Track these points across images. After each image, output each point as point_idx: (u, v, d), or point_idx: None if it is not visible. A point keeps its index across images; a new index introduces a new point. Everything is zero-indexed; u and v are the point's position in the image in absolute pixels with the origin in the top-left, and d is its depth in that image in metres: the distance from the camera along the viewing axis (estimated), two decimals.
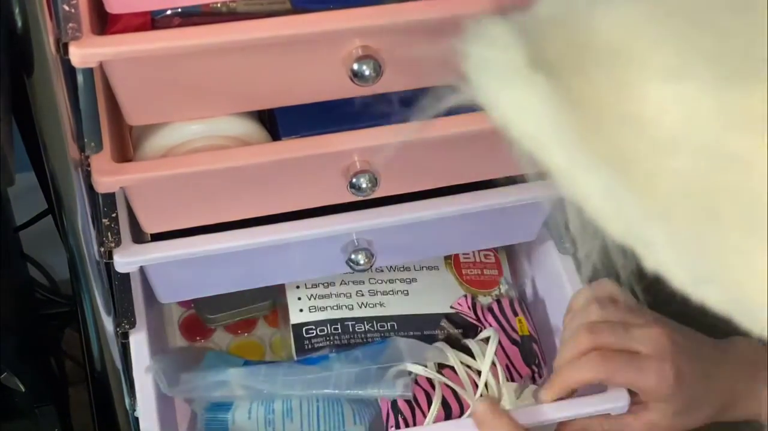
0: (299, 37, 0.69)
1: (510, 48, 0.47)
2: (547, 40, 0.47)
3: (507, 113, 0.46)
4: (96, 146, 0.74)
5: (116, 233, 0.81)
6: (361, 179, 0.78)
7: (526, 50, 0.46)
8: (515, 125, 0.46)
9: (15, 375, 1.01)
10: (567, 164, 0.44)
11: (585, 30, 0.46)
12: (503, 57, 0.46)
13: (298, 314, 0.94)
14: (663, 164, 0.43)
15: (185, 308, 1.03)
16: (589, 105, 0.45)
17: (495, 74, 0.46)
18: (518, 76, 0.46)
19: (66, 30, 0.65)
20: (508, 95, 0.46)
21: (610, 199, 0.44)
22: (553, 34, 0.48)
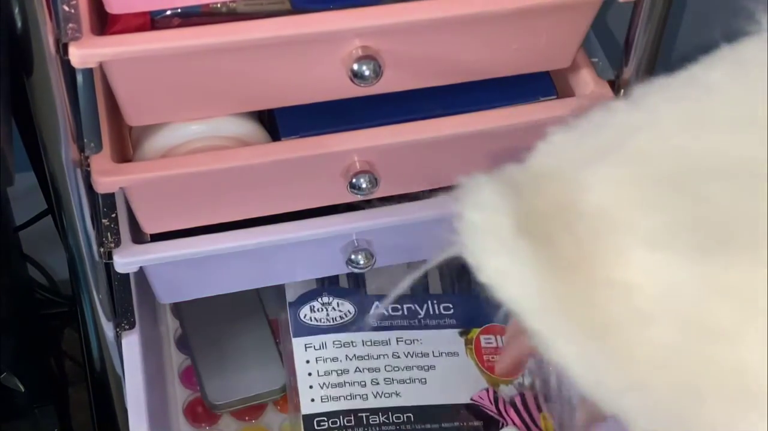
0: (299, 37, 0.69)
1: (497, 212, 0.48)
2: (539, 196, 0.48)
3: (492, 278, 0.47)
4: (96, 146, 0.74)
5: (116, 233, 0.81)
6: (361, 179, 0.78)
7: (514, 213, 0.47)
8: (500, 290, 0.47)
9: (15, 375, 1.01)
10: (548, 332, 0.45)
11: (574, 189, 0.48)
12: (490, 222, 0.48)
13: (310, 404, 0.90)
14: (642, 333, 0.43)
15: (190, 392, 0.98)
16: (574, 268, 0.45)
17: (482, 239, 0.48)
18: (503, 243, 0.47)
19: (66, 30, 0.65)
20: (493, 261, 0.47)
21: (588, 368, 0.44)
22: (544, 190, 0.49)
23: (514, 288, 0.46)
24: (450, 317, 0.96)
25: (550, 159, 0.51)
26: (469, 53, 0.75)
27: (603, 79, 0.82)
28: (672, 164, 0.45)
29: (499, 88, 0.81)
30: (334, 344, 0.92)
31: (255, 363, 0.97)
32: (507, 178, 0.51)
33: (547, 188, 0.49)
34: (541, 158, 0.51)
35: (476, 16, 0.71)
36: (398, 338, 0.94)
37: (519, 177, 0.50)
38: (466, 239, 0.49)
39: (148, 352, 0.91)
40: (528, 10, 0.73)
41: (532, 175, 0.50)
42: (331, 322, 0.94)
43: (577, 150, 0.50)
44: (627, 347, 0.43)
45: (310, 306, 0.95)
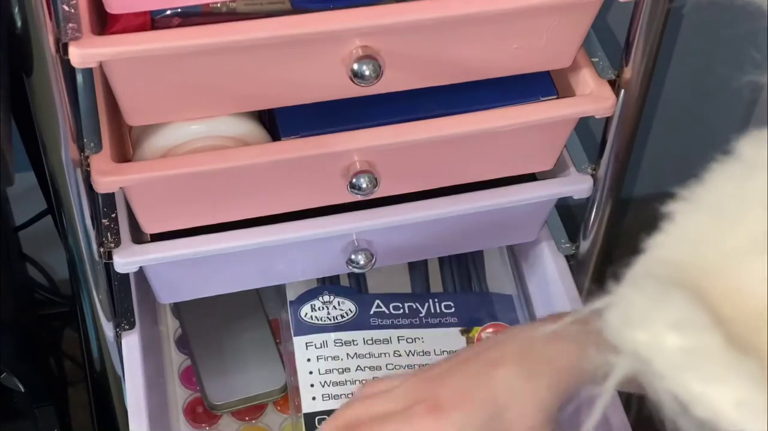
0: (299, 37, 0.69)
1: (702, 328, 0.40)
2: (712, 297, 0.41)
3: (725, 412, 0.39)
4: (95, 146, 0.74)
5: (116, 233, 0.81)
6: (361, 179, 0.78)
7: (718, 326, 0.40)
8: (736, 426, 0.39)
9: (14, 375, 1.01)
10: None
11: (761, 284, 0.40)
12: (699, 343, 0.39)
13: (311, 403, 0.89)
14: None
15: (190, 392, 0.98)
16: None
17: (696, 365, 0.39)
18: (730, 367, 0.39)
19: (66, 30, 0.65)
20: (722, 391, 0.39)
21: None
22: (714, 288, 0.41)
23: (758, 423, 0.38)
24: (451, 316, 0.96)
25: (700, 249, 0.43)
26: (469, 53, 0.75)
27: (603, 79, 0.82)
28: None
29: (499, 88, 0.80)
30: (335, 342, 0.92)
31: (255, 363, 0.97)
32: (668, 279, 0.42)
33: (718, 285, 0.41)
34: (686, 247, 0.44)
35: (476, 16, 0.71)
36: (399, 336, 0.93)
37: (683, 279, 0.42)
38: (665, 367, 0.40)
39: (148, 352, 0.91)
40: (528, 10, 0.73)
41: (686, 271, 0.42)
42: (332, 320, 0.93)
43: (729, 235, 0.42)
44: None
45: (311, 305, 0.94)
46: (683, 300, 0.41)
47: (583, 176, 0.88)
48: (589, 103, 0.81)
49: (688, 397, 0.40)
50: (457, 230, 0.90)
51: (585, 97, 0.81)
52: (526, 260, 1.01)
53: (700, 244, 0.43)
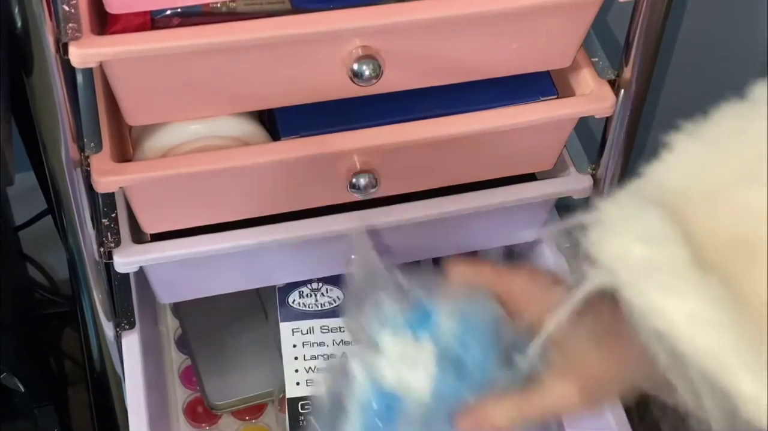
0: (299, 37, 0.69)
1: (668, 243, 0.40)
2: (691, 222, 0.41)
3: (676, 322, 0.39)
4: (95, 146, 0.74)
5: (116, 233, 0.81)
6: (361, 179, 0.78)
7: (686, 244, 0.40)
8: (687, 338, 0.39)
9: (14, 375, 1.01)
10: (757, 391, 0.38)
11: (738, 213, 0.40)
12: (663, 255, 0.40)
13: (295, 388, 0.90)
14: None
15: (190, 392, 0.98)
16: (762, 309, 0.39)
17: (656, 276, 0.40)
18: (687, 279, 0.39)
19: (66, 30, 0.65)
20: (676, 302, 0.39)
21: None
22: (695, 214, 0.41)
23: (707, 336, 0.39)
24: None
25: (687, 176, 0.44)
26: (469, 53, 0.75)
27: (603, 79, 0.82)
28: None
29: (499, 88, 0.80)
30: (321, 329, 0.93)
31: (255, 363, 0.97)
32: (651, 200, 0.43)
33: (699, 211, 0.42)
34: (675, 174, 0.44)
35: (476, 16, 0.71)
36: None
37: (663, 199, 0.43)
38: (629, 276, 0.41)
39: (148, 352, 0.91)
40: (528, 10, 0.73)
41: (677, 196, 0.43)
42: (319, 307, 0.94)
43: (721, 166, 0.43)
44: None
45: (299, 291, 0.95)
46: (656, 216, 0.42)
47: (583, 176, 0.88)
48: (589, 103, 0.81)
49: (647, 307, 0.41)
50: (458, 230, 0.90)
51: (585, 97, 0.81)
52: (526, 260, 1.01)
53: (691, 172, 0.44)
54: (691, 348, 0.39)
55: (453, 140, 0.79)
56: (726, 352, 0.38)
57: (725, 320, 0.39)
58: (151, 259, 0.81)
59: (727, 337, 0.38)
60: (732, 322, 0.38)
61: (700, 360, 0.39)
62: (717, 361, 0.39)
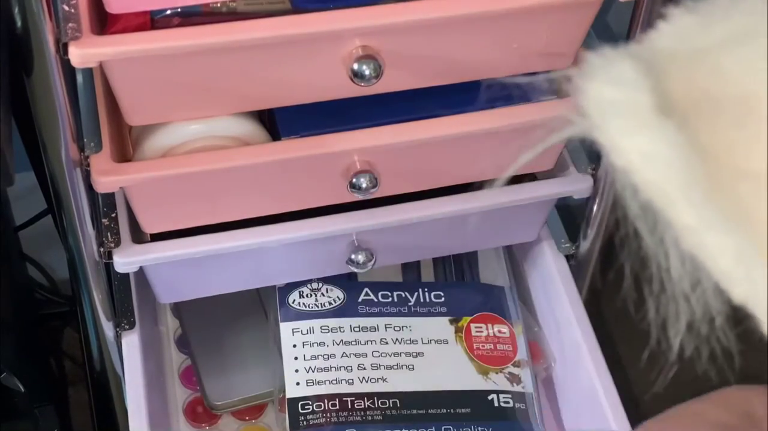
0: (299, 37, 0.69)
1: (636, 88, 0.44)
2: (671, 80, 0.45)
3: (631, 160, 0.43)
4: (95, 145, 0.74)
5: (116, 233, 0.81)
6: (361, 179, 0.78)
7: (654, 92, 0.44)
8: (639, 174, 0.43)
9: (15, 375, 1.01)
10: (695, 222, 0.41)
11: (711, 74, 0.44)
12: (629, 98, 0.44)
13: (295, 388, 0.89)
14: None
15: (190, 392, 0.98)
16: (714, 156, 0.42)
17: (620, 117, 0.44)
18: (646, 122, 0.43)
19: (66, 30, 0.65)
20: (634, 141, 0.43)
21: (740, 262, 0.41)
22: (677, 73, 0.45)
23: (657, 172, 0.42)
24: (441, 306, 0.95)
25: (677, 42, 0.47)
26: (469, 53, 0.75)
27: None
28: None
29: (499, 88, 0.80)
30: (321, 329, 0.92)
31: (255, 363, 0.97)
32: (635, 56, 0.46)
33: (680, 71, 0.45)
34: (667, 39, 0.48)
35: (476, 15, 0.71)
36: (387, 324, 0.93)
37: (647, 57, 0.46)
38: (598, 117, 0.45)
39: (148, 352, 0.91)
40: (528, 10, 0.73)
41: (662, 56, 0.46)
42: (319, 307, 0.93)
43: (708, 34, 0.47)
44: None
45: (299, 292, 0.94)
46: (630, 65, 0.45)
47: (583, 176, 0.88)
48: None
49: (610, 146, 0.44)
50: (457, 230, 0.90)
51: None
52: (525, 260, 1.01)
53: (680, 38, 0.47)
54: (643, 182, 0.43)
55: (453, 140, 0.79)
56: (672, 187, 0.42)
57: (675, 159, 0.42)
58: (151, 259, 0.81)
59: (675, 174, 0.42)
60: (680, 161, 0.42)
61: (650, 195, 0.43)
62: (664, 195, 0.42)
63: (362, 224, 0.84)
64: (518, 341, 0.96)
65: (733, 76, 0.44)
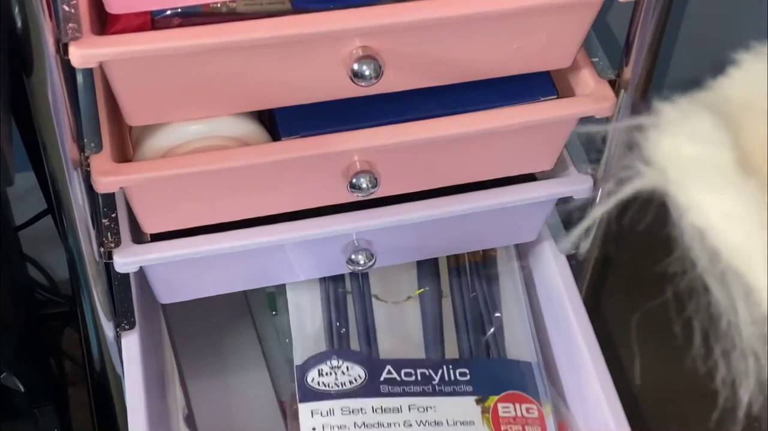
0: (299, 37, 0.69)
1: (717, 144, 0.43)
2: (744, 132, 0.44)
3: (713, 220, 0.42)
4: (96, 146, 0.74)
5: (116, 233, 0.81)
6: (361, 179, 0.78)
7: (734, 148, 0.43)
8: (720, 235, 0.42)
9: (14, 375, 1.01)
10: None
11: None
12: (710, 155, 0.43)
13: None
14: None
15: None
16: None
17: (701, 174, 0.42)
18: (729, 181, 0.42)
19: (66, 30, 0.65)
20: (716, 201, 0.42)
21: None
22: (750, 125, 0.44)
23: (739, 235, 0.41)
24: (466, 384, 0.91)
25: (750, 91, 0.46)
26: (469, 53, 0.75)
27: (603, 79, 0.82)
28: None
29: (499, 88, 0.81)
30: (342, 410, 0.88)
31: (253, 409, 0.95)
32: (709, 107, 0.45)
33: (753, 123, 0.44)
34: (740, 88, 0.46)
35: (476, 16, 0.71)
36: (411, 405, 0.89)
37: (722, 108, 0.45)
38: (676, 174, 0.43)
39: (148, 352, 0.91)
40: (528, 10, 0.73)
41: (736, 108, 0.45)
42: (339, 387, 0.89)
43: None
44: None
45: (318, 370, 0.90)
46: (709, 120, 0.44)
47: (583, 176, 0.88)
48: (589, 103, 0.81)
49: (687, 203, 0.43)
50: (457, 230, 0.90)
51: (585, 98, 0.81)
52: (526, 260, 1.01)
53: (754, 88, 0.46)
54: (723, 244, 0.42)
55: (453, 140, 0.79)
56: (753, 249, 0.41)
57: (757, 221, 0.41)
58: (151, 259, 0.81)
59: (757, 236, 0.41)
60: (764, 223, 0.41)
61: (729, 256, 0.42)
62: (744, 258, 0.41)
63: (362, 224, 0.84)
64: (547, 422, 0.91)
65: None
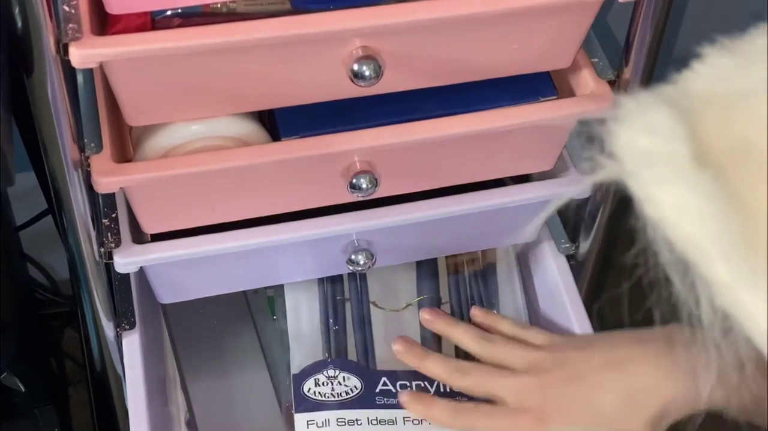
0: (299, 37, 0.69)
1: (672, 138, 0.43)
2: (706, 125, 0.44)
3: (666, 212, 0.42)
4: (96, 146, 0.74)
5: (116, 233, 0.81)
6: (361, 179, 0.78)
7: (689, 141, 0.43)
8: (674, 226, 0.42)
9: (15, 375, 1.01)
10: (731, 279, 0.41)
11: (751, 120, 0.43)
12: (664, 148, 0.43)
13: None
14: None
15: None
16: (755, 210, 0.41)
17: (654, 167, 0.43)
18: (681, 173, 0.42)
19: (66, 30, 0.65)
20: (669, 193, 0.42)
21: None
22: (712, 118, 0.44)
23: (692, 226, 0.41)
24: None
25: (713, 84, 0.46)
26: (469, 53, 0.75)
27: (603, 79, 0.82)
28: None
29: (498, 88, 0.81)
30: (338, 421, 0.87)
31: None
32: (670, 101, 0.46)
33: (716, 116, 0.45)
34: (703, 81, 0.47)
35: (476, 16, 0.71)
36: (405, 417, 0.87)
37: (682, 102, 0.46)
38: (632, 166, 0.44)
39: (149, 352, 0.91)
40: (528, 10, 0.73)
41: (697, 99, 0.46)
42: (335, 397, 0.88)
43: (745, 77, 0.46)
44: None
45: (315, 379, 0.89)
46: (666, 113, 0.45)
47: (583, 176, 0.88)
48: (589, 103, 0.81)
49: (644, 196, 0.43)
50: (457, 230, 0.90)
51: (585, 98, 0.81)
52: (526, 260, 1.01)
53: (716, 81, 0.46)
54: (678, 235, 0.42)
55: (453, 140, 0.79)
56: (707, 240, 0.41)
57: (710, 211, 0.41)
58: (151, 259, 0.81)
59: (710, 227, 0.41)
60: (717, 214, 0.41)
61: (684, 248, 0.42)
62: (698, 249, 0.41)
63: (362, 224, 0.84)
64: None
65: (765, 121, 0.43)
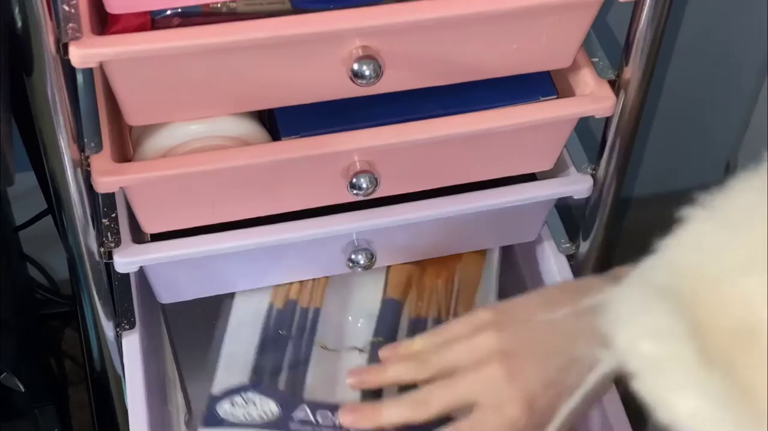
0: (299, 37, 0.69)
1: (676, 339, 0.43)
2: (702, 305, 0.43)
3: (681, 419, 0.42)
4: (96, 146, 0.74)
5: (116, 233, 0.81)
6: (361, 179, 0.78)
7: (692, 337, 0.42)
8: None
9: (15, 375, 1.00)
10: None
11: (747, 302, 0.42)
12: (671, 352, 0.43)
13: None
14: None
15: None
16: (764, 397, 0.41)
17: (664, 373, 0.43)
18: (693, 378, 0.42)
19: (66, 30, 0.65)
20: (682, 400, 0.42)
21: None
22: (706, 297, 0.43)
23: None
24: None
25: (702, 259, 0.44)
26: (469, 53, 0.75)
27: (603, 79, 0.82)
28: None
29: (499, 88, 0.81)
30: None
31: None
32: (662, 289, 0.44)
33: (712, 296, 0.43)
34: (690, 256, 0.45)
35: (476, 16, 0.71)
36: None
37: (674, 283, 0.44)
38: (638, 369, 0.43)
39: (148, 352, 0.91)
40: (528, 10, 0.73)
41: (689, 278, 0.44)
42: (246, 419, 0.85)
43: (733, 250, 0.44)
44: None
45: (232, 401, 0.86)
46: (664, 311, 0.44)
47: (583, 176, 0.88)
48: (589, 103, 0.81)
49: (653, 401, 0.43)
50: (457, 230, 0.90)
51: (585, 98, 0.81)
52: (526, 260, 1.01)
53: (703, 252, 0.45)
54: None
55: (453, 140, 0.79)
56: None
57: (724, 417, 0.41)
58: (151, 259, 0.81)
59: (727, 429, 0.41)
60: (731, 418, 0.41)
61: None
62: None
63: (362, 224, 0.84)
64: None
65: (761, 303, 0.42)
